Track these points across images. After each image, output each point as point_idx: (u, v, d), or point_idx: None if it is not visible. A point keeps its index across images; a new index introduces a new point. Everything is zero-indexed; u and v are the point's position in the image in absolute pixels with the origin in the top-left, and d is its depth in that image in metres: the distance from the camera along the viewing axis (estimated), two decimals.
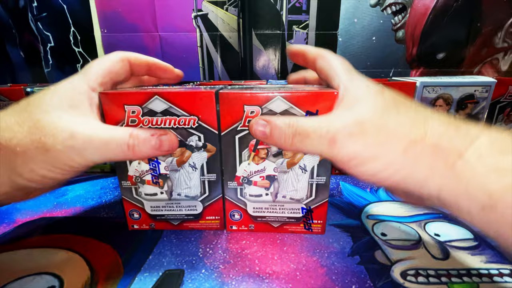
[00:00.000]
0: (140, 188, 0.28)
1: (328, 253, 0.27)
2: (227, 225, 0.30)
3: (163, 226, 0.30)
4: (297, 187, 0.27)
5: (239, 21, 0.58)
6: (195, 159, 0.27)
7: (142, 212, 0.29)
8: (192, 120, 0.25)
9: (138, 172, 0.28)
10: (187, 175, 0.28)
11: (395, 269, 0.25)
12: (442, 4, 0.55)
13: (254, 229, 0.30)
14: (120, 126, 0.24)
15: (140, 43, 0.60)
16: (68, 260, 0.26)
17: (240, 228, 0.30)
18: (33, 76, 0.63)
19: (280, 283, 0.23)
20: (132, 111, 0.24)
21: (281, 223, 0.29)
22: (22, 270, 0.24)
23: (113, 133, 0.21)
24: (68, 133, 0.20)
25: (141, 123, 0.25)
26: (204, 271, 0.25)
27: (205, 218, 0.30)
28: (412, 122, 0.20)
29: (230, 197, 0.28)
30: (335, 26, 0.58)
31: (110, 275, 0.24)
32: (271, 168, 0.27)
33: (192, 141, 0.26)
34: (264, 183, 0.27)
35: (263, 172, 0.27)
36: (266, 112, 0.24)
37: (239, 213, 0.29)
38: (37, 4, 0.58)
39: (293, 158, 0.26)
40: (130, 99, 0.24)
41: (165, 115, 0.25)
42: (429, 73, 0.60)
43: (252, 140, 0.26)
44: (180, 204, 0.29)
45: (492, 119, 0.41)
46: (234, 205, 0.29)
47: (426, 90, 0.39)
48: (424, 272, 0.24)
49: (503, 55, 0.58)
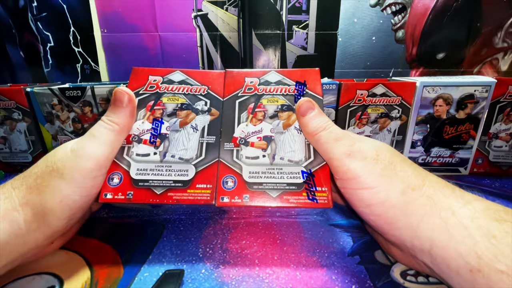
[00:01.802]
0: (134, 147, 0.27)
1: (328, 253, 0.27)
2: (218, 196, 0.26)
3: (142, 196, 0.26)
4: (294, 147, 0.27)
5: (239, 21, 0.58)
6: (198, 121, 0.29)
7: (124, 176, 0.26)
8: (203, 89, 0.30)
9: (139, 131, 0.28)
10: (186, 136, 0.28)
11: (395, 269, 0.25)
12: (442, 4, 0.55)
13: (249, 201, 0.25)
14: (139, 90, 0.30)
15: (140, 43, 0.60)
16: (68, 260, 0.26)
17: (233, 201, 0.25)
18: (33, 76, 0.63)
19: (280, 283, 0.23)
20: (154, 79, 0.30)
21: (280, 191, 0.26)
22: (22, 270, 0.24)
23: None
24: None
25: (158, 89, 0.30)
26: (204, 271, 0.25)
27: (195, 186, 0.26)
28: (414, 173, 0.22)
29: (225, 160, 0.27)
30: (335, 26, 0.58)
31: (110, 275, 0.24)
32: (267, 129, 0.28)
33: (198, 105, 0.30)
34: (261, 144, 0.28)
35: (260, 133, 0.28)
36: (263, 82, 0.30)
37: (233, 180, 0.26)
38: (37, 4, 0.58)
39: (288, 120, 0.28)
40: (156, 72, 0.31)
41: (180, 84, 0.30)
42: (429, 73, 0.60)
43: (251, 104, 0.29)
44: (171, 168, 0.27)
45: (492, 119, 0.41)
46: (229, 169, 0.27)
47: (426, 90, 0.39)
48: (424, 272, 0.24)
49: (503, 55, 0.58)
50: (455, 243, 0.18)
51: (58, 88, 0.42)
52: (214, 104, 0.30)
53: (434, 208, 0.20)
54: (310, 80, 0.30)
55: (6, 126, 0.44)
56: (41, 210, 0.22)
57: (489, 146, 0.42)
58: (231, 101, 0.30)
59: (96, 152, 0.24)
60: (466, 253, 0.18)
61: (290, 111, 0.29)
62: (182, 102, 0.30)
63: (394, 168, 0.23)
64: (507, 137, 0.41)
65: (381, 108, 0.41)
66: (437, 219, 0.20)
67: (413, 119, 0.41)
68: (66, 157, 0.23)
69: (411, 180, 0.22)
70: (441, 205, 0.20)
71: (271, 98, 0.29)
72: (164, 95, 0.30)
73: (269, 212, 0.34)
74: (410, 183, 0.22)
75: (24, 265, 0.24)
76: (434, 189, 0.21)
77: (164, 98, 0.30)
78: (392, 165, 0.23)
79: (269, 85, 0.30)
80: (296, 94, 0.29)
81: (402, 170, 0.22)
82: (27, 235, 0.22)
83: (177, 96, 0.30)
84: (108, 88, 0.41)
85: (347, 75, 0.60)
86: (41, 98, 0.42)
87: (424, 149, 0.42)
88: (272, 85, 0.30)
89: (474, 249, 0.18)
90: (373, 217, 0.23)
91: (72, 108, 0.43)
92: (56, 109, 0.43)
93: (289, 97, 0.29)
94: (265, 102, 0.29)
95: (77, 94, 0.42)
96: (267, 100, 0.29)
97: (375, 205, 0.22)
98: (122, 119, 0.26)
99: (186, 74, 0.31)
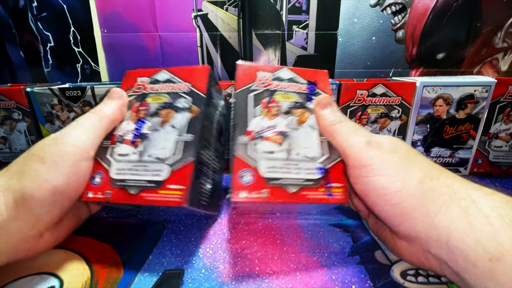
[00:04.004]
0: (116, 147, 0.27)
1: (328, 253, 0.27)
2: (234, 191, 0.24)
3: (119, 196, 0.25)
4: (308, 144, 0.27)
5: (239, 21, 0.58)
6: (177, 119, 0.28)
7: (105, 175, 0.26)
8: (186, 86, 0.30)
9: (123, 131, 0.28)
10: (165, 135, 0.27)
11: (395, 269, 0.25)
12: (442, 4, 0.55)
13: (269, 196, 0.24)
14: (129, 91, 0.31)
15: (140, 43, 0.60)
16: (68, 260, 0.26)
17: (252, 196, 0.24)
18: (33, 76, 0.63)
19: (280, 283, 0.23)
20: (141, 81, 0.31)
21: (298, 187, 0.25)
22: (22, 270, 0.24)
23: None
24: None
25: (144, 89, 0.31)
26: (204, 271, 0.25)
27: (166, 187, 0.25)
28: (431, 165, 0.23)
29: (239, 154, 0.26)
30: (335, 26, 0.58)
31: (110, 275, 0.24)
32: (282, 125, 0.28)
33: (179, 103, 0.29)
34: (277, 138, 0.27)
35: (275, 128, 0.27)
36: (275, 78, 0.30)
37: (250, 174, 0.25)
38: (37, 4, 0.58)
39: (302, 117, 0.28)
40: (144, 73, 0.32)
41: (165, 83, 0.31)
42: (429, 73, 0.60)
43: (264, 98, 0.28)
44: (147, 167, 0.26)
45: (492, 119, 0.41)
46: (244, 164, 0.25)
47: (426, 90, 0.39)
48: (424, 272, 0.24)
49: (503, 55, 0.58)
50: (475, 231, 0.18)
51: (58, 88, 0.42)
52: (196, 101, 0.29)
53: (454, 197, 0.20)
54: (320, 81, 0.30)
55: (6, 126, 0.44)
56: (21, 195, 0.22)
57: (489, 146, 0.42)
58: (243, 94, 0.29)
59: (78, 138, 0.25)
60: (486, 241, 0.17)
61: (304, 108, 0.29)
62: (164, 101, 0.29)
63: (411, 159, 0.23)
64: (507, 137, 0.41)
65: (381, 108, 0.41)
66: (457, 208, 0.19)
67: (413, 119, 0.41)
68: (47, 144, 0.24)
69: (428, 170, 0.22)
70: (460, 194, 0.20)
71: (284, 94, 0.29)
72: (149, 95, 0.30)
73: (269, 212, 0.34)
74: (428, 172, 0.22)
75: (20, 263, 0.24)
76: (452, 180, 0.21)
77: (148, 98, 0.30)
78: (409, 157, 0.23)
79: (282, 81, 0.30)
80: (308, 93, 0.29)
81: (419, 161, 0.23)
82: (9, 223, 0.21)
83: (160, 95, 0.30)
84: (108, 88, 0.41)
85: (347, 75, 0.60)
86: (41, 98, 0.42)
87: (424, 149, 0.42)
88: (285, 81, 0.30)
89: (495, 237, 0.17)
90: (387, 208, 0.22)
91: (72, 108, 0.43)
92: (56, 109, 0.43)
93: (301, 95, 0.29)
94: (279, 98, 0.29)
95: (77, 94, 0.42)
96: (280, 96, 0.29)
97: (391, 194, 0.21)
98: (109, 109, 0.27)
99: (170, 72, 0.31)
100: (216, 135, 0.32)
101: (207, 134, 0.29)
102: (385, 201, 0.22)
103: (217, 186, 0.33)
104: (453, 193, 0.20)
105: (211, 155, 0.30)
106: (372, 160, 0.22)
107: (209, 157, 0.29)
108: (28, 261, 0.25)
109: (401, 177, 0.22)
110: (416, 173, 0.22)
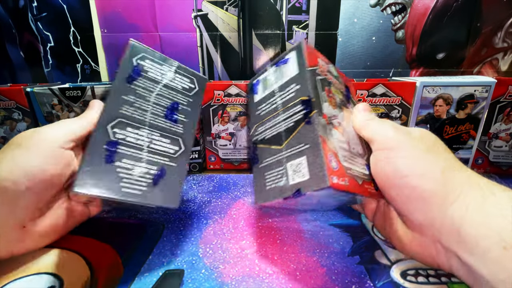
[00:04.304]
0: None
1: (328, 253, 0.27)
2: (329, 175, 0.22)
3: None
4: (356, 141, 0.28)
5: (239, 21, 0.58)
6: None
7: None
8: None
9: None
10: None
11: (395, 269, 0.25)
12: (442, 4, 0.55)
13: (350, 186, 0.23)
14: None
15: None
16: (68, 260, 0.26)
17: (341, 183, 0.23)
18: (33, 76, 0.63)
19: (280, 283, 0.23)
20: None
21: (362, 180, 0.25)
22: (22, 270, 0.24)
23: None
24: None
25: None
26: (204, 271, 0.25)
27: None
28: (455, 159, 0.23)
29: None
30: (335, 26, 0.58)
31: (110, 275, 0.24)
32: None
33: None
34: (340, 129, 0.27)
35: (338, 118, 0.27)
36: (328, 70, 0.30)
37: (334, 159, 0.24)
38: (37, 4, 0.58)
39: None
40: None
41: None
42: (429, 73, 0.60)
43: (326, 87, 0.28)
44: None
45: (492, 119, 0.41)
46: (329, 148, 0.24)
47: (426, 90, 0.39)
48: (424, 272, 0.24)
49: (502, 55, 0.58)
50: (491, 220, 0.18)
51: (58, 88, 0.42)
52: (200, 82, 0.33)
53: (474, 188, 0.20)
54: (350, 86, 0.33)
55: (6, 126, 0.44)
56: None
57: (489, 146, 0.42)
58: (311, 73, 0.27)
59: (56, 129, 0.26)
60: (502, 230, 0.17)
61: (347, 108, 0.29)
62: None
63: (437, 150, 0.23)
64: (507, 137, 0.41)
65: (381, 108, 0.41)
66: (476, 198, 0.20)
67: (413, 119, 0.41)
68: (27, 134, 0.25)
69: (452, 162, 0.22)
70: (481, 186, 0.20)
71: (335, 90, 0.29)
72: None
73: (269, 212, 0.34)
74: (451, 164, 0.22)
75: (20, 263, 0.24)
76: (474, 175, 0.22)
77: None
78: (435, 147, 0.23)
79: (333, 77, 0.30)
80: (346, 94, 0.31)
81: (444, 153, 0.23)
82: None
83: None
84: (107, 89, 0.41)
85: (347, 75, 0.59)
86: (41, 98, 0.42)
87: None
88: (334, 78, 0.30)
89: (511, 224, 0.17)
90: (406, 191, 0.22)
91: (72, 108, 0.43)
92: (56, 109, 0.43)
93: (343, 95, 0.30)
94: (333, 91, 0.29)
95: (77, 94, 0.42)
96: (333, 90, 0.29)
97: (412, 176, 0.22)
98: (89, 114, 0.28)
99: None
100: None
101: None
102: (405, 183, 0.22)
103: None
104: (474, 184, 0.21)
105: None
106: (399, 143, 0.23)
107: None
108: (28, 261, 0.25)
109: (425, 163, 0.22)
110: (439, 162, 0.22)
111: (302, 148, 0.24)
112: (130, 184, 0.24)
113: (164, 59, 0.30)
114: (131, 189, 0.24)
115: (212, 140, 0.46)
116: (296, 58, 0.28)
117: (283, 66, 0.29)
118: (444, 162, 0.22)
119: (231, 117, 0.44)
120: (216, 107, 0.44)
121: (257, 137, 0.29)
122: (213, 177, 0.44)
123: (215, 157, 0.47)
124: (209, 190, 0.40)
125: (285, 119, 0.27)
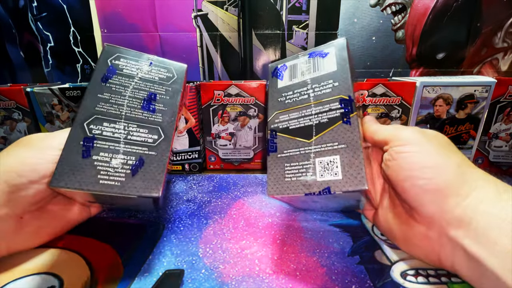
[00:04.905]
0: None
1: (328, 253, 0.27)
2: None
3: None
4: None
5: (239, 21, 0.58)
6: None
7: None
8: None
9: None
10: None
11: (395, 269, 0.25)
12: (442, 4, 0.55)
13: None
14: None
15: (140, 43, 0.60)
16: (68, 260, 0.26)
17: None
18: (33, 76, 0.63)
19: (280, 283, 0.23)
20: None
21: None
22: (22, 270, 0.24)
23: None
24: None
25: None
26: (204, 271, 0.25)
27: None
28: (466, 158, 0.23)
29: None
30: (335, 26, 0.58)
31: (110, 275, 0.24)
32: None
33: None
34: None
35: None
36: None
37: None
38: (37, 4, 0.58)
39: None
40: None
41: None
42: (429, 73, 0.60)
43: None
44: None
45: (492, 119, 0.41)
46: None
47: (426, 90, 0.39)
48: (424, 272, 0.24)
49: (502, 55, 0.58)
50: (504, 211, 0.18)
51: (58, 88, 0.42)
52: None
53: (490, 183, 0.21)
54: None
55: (6, 126, 0.44)
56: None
57: (489, 146, 0.42)
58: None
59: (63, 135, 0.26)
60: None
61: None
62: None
63: (452, 148, 0.24)
64: (507, 137, 0.41)
65: (381, 108, 0.41)
66: (491, 192, 0.20)
67: (413, 119, 0.41)
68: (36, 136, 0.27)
69: (467, 160, 0.23)
70: (496, 183, 0.21)
71: None
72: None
73: (269, 212, 0.34)
74: (466, 161, 0.22)
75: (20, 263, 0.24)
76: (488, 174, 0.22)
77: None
78: (450, 146, 0.24)
79: None
80: None
81: (458, 152, 0.23)
82: None
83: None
84: None
85: None
86: (41, 98, 0.42)
87: None
88: None
89: None
90: (421, 182, 0.22)
91: (72, 108, 0.43)
92: (56, 109, 0.43)
93: None
94: None
95: (77, 94, 0.42)
96: None
97: (428, 168, 0.22)
98: None
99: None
100: None
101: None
102: (421, 174, 0.22)
103: None
104: (490, 180, 0.21)
105: None
106: (415, 139, 0.24)
107: None
108: (28, 261, 0.25)
109: (441, 157, 0.22)
110: (454, 158, 0.22)
111: (336, 147, 0.24)
112: (108, 176, 0.24)
113: (139, 55, 0.30)
114: (109, 181, 0.24)
115: (212, 140, 0.46)
116: (336, 55, 0.28)
117: (319, 58, 0.28)
118: (459, 158, 0.22)
119: (231, 117, 0.44)
120: (216, 107, 0.44)
121: (278, 124, 0.28)
122: (213, 177, 0.44)
123: (215, 157, 0.47)
124: (209, 190, 0.40)
125: (317, 114, 0.26)
